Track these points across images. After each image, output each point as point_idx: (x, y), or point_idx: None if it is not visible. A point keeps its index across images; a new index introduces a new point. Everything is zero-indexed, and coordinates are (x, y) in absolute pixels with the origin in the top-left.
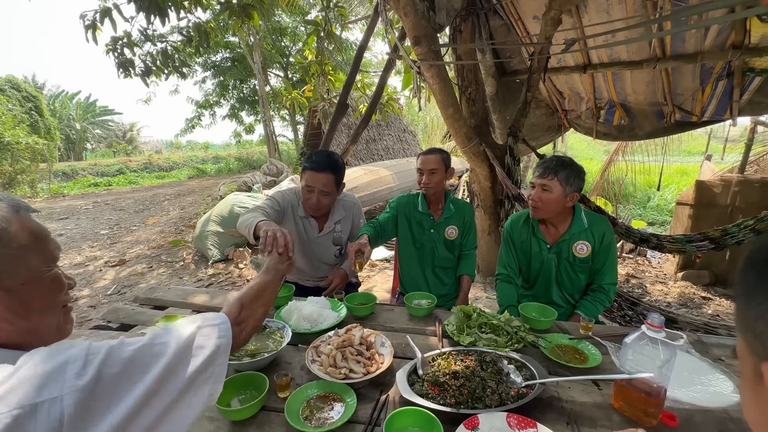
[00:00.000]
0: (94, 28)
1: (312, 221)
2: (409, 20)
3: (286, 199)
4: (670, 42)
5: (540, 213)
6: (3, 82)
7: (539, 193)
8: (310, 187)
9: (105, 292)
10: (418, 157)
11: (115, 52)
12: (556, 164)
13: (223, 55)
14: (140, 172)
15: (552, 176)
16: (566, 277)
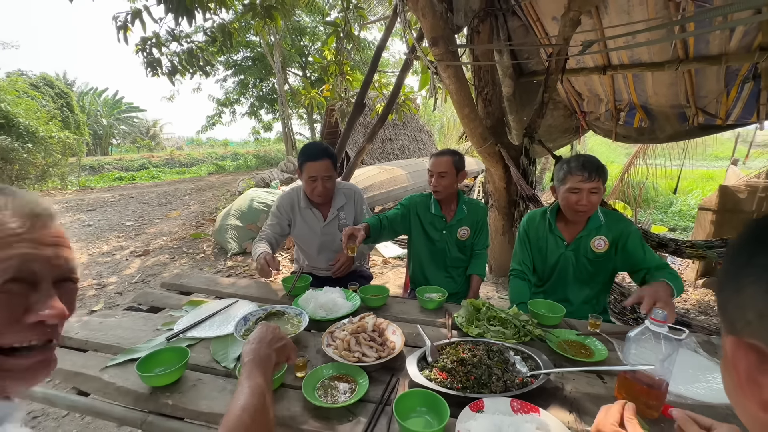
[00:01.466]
0: (125, 29)
1: (315, 211)
2: (427, 21)
3: (285, 202)
4: (693, 43)
5: (586, 216)
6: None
7: (589, 197)
8: (313, 177)
9: (131, 279)
10: (430, 158)
11: (144, 52)
12: (598, 166)
13: (244, 54)
14: (162, 168)
15: (598, 178)
16: (585, 273)
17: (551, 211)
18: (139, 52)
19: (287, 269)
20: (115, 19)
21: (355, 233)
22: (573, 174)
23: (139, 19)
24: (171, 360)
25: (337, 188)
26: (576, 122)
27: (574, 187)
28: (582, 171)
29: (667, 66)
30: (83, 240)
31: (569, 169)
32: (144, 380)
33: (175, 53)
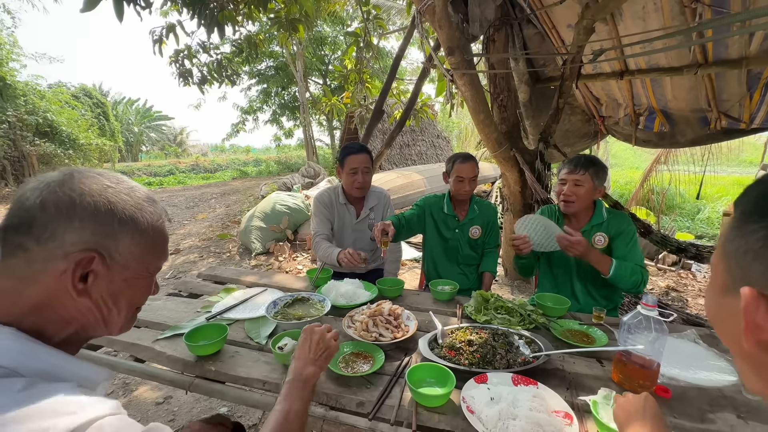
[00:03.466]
0: (160, 42)
1: (350, 208)
2: (443, 32)
3: (324, 201)
4: (712, 47)
5: (573, 207)
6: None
7: (572, 187)
8: (354, 169)
9: (164, 276)
10: (454, 163)
11: (176, 63)
12: (586, 160)
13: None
14: (188, 173)
15: (583, 171)
16: (588, 269)
17: (559, 208)
18: (173, 63)
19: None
20: (152, 33)
21: (386, 228)
22: (563, 168)
23: (173, 33)
24: (212, 335)
25: (370, 190)
26: (594, 127)
27: (562, 178)
28: (568, 164)
29: (686, 70)
30: None
31: (563, 166)
32: (191, 350)
33: (205, 64)
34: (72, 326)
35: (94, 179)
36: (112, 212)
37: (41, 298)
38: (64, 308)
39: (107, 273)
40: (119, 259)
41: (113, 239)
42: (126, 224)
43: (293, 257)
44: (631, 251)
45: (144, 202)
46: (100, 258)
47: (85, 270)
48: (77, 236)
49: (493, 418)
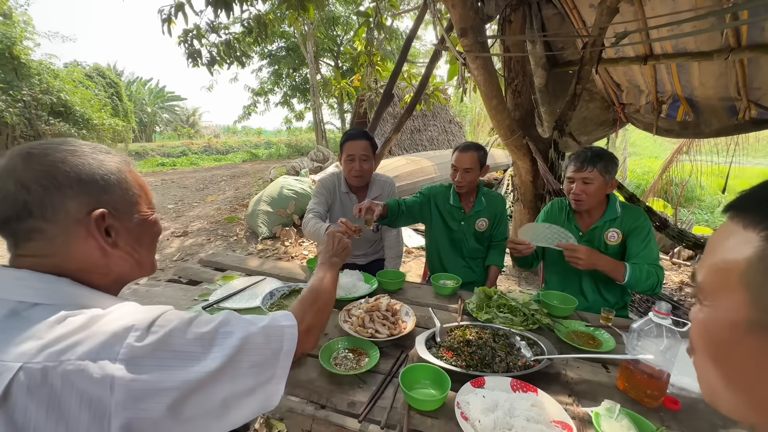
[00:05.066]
0: (169, 22)
1: (353, 197)
2: (456, 11)
3: (327, 185)
4: (746, 31)
5: (584, 205)
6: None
7: (581, 186)
8: (351, 156)
9: (171, 258)
10: (454, 151)
11: (185, 43)
12: (592, 155)
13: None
14: (200, 154)
15: (591, 168)
16: None
17: (568, 202)
18: (182, 43)
19: (312, 253)
20: (161, 12)
21: (372, 207)
22: (570, 165)
23: (181, 12)
24: None
25: (373, 178)
26: (613, 114)
27: (569, 176)
28: (575, 161)
29: (716, 55)
30: None
31: (569, 162)
32: None
33: (214, 44)
34: (111, 276)
35: (53, 149)
36: (91, 172)
37: (81, 263)
38: (103, 264)
39: (121, 223)
40: (122, 208)
41: (106, 193)
42: (107, 177)
43: (299, 242)
44: (645, 249)
45: (105, 153)
46: (108, 213)
47: (103, 226)
48: (77, 202)
49: (488, 427)
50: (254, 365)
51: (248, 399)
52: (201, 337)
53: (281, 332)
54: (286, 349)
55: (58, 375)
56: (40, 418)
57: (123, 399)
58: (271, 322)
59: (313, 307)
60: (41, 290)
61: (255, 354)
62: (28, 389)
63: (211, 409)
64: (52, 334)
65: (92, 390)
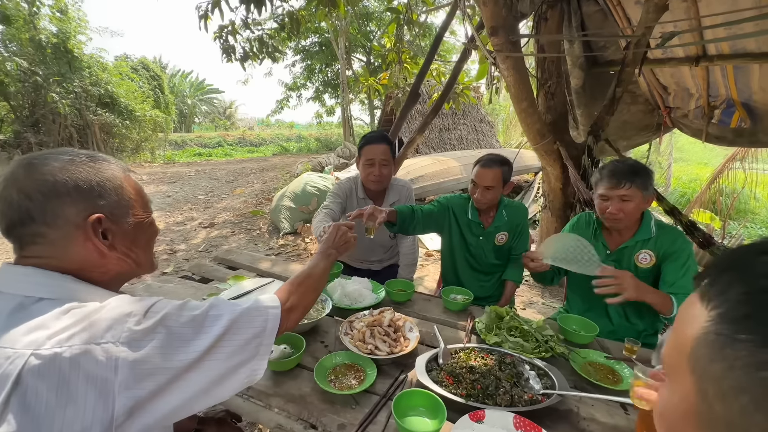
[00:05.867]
0: (206, 18)
1: (369, 202)
2: (487, 9)
3: (344, 188)
4: None
5: (620, 224)
6: (137, 63)
7: (618, 204)
8: (370, 161)
9: (197, 248)
10: (475, 164)
11: (221, 39)
12: (629, 171)
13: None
14: (235, 146)
15: (629, 184)
16: None
17: (597, 217)
18: (217, 39)
19: None
20: (198, 8)
21: (376, 213)
22: (602, 180)
23: (218, 8)
24: None
25: (391, 183)
26: (658, 119)
27: (602, 194)
28: (610, 177)
29: None
30: (162, 210)
31: (600, 176)
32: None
33: (248, 40)
34: (110, 274)
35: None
36: (88, 179)
37: (81, 263)
38: (101, 264)
39: (117, 226)
40: (118, 212)
41: (102, 198)
42: (103, 184)
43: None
44: (684, 277)
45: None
46: (105, 217)
47: (99, 230)
48: (75, 208)
49: None
50: (241, 343)
51: (235, 374)
52: (193, 319)
53: (265, 313)
54: (269, 328)
55: (65, 359)
56: (51, 399)
57: (126, 378)
58: (256, 304)
59: (299, 288)
60: (46, 286)
61: (242, 333)
62: (39, 373)
63: (203, 383)
64: (59, 324)
65: (98, 371)
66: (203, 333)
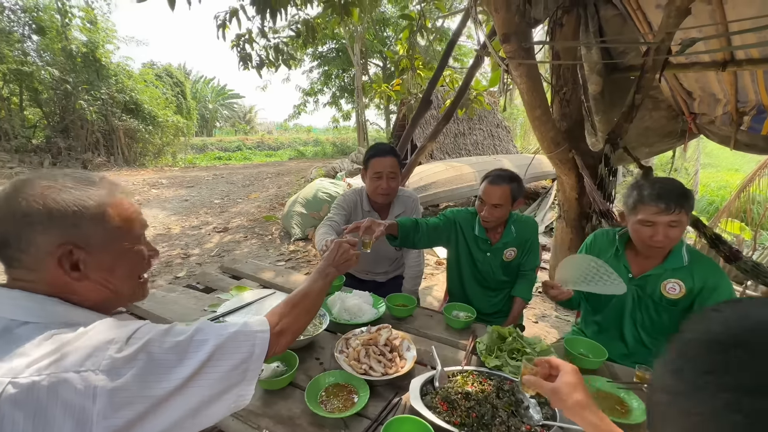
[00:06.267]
0: (223, 27)
1: (375, 215)
2: (499, 16)
3: (349, 200)
4: None
5: (665, 251)
6: (161, 70)
7: (665, 231)
8: (378, 173)
9: (210, 253)
10: (483, 180)
11: (238, 47)
12: (680, 194)
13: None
14: (254, 150)
15: (679, 209)
16: (646, 317)
17: (621, 236)
18: (234, 47)
19: None
20: (216, 18)
21: (373, 227)
22: (646, 203)
23: (235, 17)
24: None
25: (397, 195)
26: (682, 125)
27: (646, 219)
28: (657, 201)
29: None
30: (179, 213)
31: (641, 197)
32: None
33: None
34: (91, 300)
35: (32, 184)
36: (63, 207)
37: (57, 288)
38: (77, 290)
39: (92, 257)
40: (95, 242)
41: (78, 228)
42: (80, 212)
43: None
44: None
45: (88, 187)
46: (78, 248)
47: (71, 261)
48: (46, 236)
49: None
50: (227, 369)
51: (220, 400)
52: (176, 345)
53: (253, 337)
54: (257, 353)
55: (43, 388)
56: (28, 428)
57: (104, 407)
58: (244, 328)
59: (292, 311)
60: (31, 309)
61: (228, 358)
62: (16, 402)
63: (186, 410)
64: (39, 351)
65: (76, 400)
66: (187, 359)
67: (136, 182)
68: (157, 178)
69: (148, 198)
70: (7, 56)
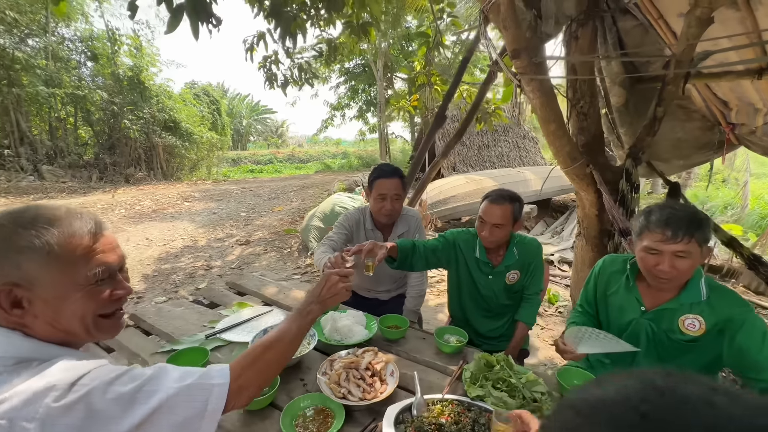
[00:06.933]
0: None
1: (378, 234)
2: (508, 33)
3: (352, 219)
4: None
5: (672, 284)
6: (199, 90)
7: (671, 261)
8: (382, 195)
9: (230, 265)
10: (483, 199)
11: (264, 68)
12: (690, 221)
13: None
14: (284, 163)
15: (688, 238)
16: (665, 355)
17: (633, 264)
18: (261, 68)
19: None
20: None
21: (375, 250)
22: (651, 230)
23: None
24: (196, 358)
25: (401, 213)
26: (719, 136)
27: (651, 247)
28: (664, 228)
29: None
30: (207, 226)
31: (647, 223)
32: None
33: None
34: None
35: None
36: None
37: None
38: (29, 326)
39: (37, 297)
40: (39, 282)
41: (18, 269)
42: (24, 253)
43: None
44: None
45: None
46: (19, 287)
47: (12, 300)
48: None
49: None
50: (175, 425)
51: None
52: (120, 396)
53: (209, 391)
54: (210, 408)
55: None
56: None
57: None
58: (200, 379)
59: (255, 365)
60: None
61: (177, 413)
62: None
63: None
64: None
65: None
66: (131, 411)
67: (170, 195)
68: (190, 191)
69: (180, 211)
70: (65, 81)
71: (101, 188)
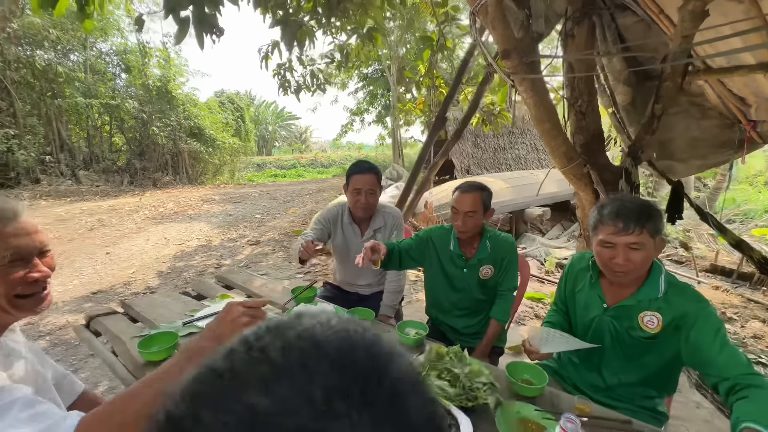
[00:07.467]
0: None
1: (355, 227)
2: (497, 33)
3: (330, 214)
4: None
5: (627, 278)
6: (225, 98)
7: (626, 253)
8: (358, 190)
9: (239, 264)
10: (455, 191)
11: (278, 75)
12: (640, 212)
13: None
14: (307, 167)
15: (639, 229)
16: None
17: (594, 262)
18: (276, 75)
19: None
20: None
21: (377, 247)
22: (604, 223)
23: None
24: (167, 341)
25: (379, 209)
26: (740, 134)
27: (605, 240)
28: (615, 220)
29: None
30: (222, 227)
31: (600, 217)
32: (142, 355)
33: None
34: None
35: None
36: None
37: None
38: None
39: None
40: None
41: None
42: None
43: None
44: (726, 351)
45: None
46: None
47: None
48: None
49: None
50: None
51: None
52: None
53: None
54: None
55: None
56: None
57: None
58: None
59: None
60: None
61: None
62: None
63: None
64: None
65: None
66: None
67: (192, 198)
68: (211, 194)
69: (199, 212)
70: (101, 92)
71: (131, 191)
